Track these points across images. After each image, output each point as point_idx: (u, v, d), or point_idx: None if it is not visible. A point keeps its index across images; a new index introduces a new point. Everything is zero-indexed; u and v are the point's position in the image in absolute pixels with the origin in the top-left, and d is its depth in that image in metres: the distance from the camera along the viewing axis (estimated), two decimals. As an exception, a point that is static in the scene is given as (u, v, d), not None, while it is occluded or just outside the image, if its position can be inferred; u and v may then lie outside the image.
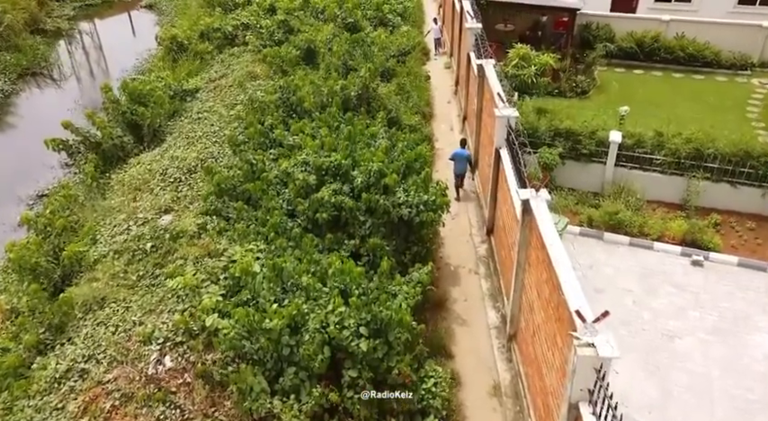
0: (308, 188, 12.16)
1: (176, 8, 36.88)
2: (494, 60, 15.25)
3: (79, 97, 26.30)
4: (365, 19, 26.00)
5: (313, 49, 20.95)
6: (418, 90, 21.13)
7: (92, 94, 26.36)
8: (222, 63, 23.98)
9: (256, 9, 26.27)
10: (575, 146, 14.80)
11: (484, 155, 15.30)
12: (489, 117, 14.19)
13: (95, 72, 30.89)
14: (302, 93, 16.93)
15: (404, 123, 17.73)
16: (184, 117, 19.25)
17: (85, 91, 27.70)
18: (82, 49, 33.66)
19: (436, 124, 20.61)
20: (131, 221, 13.51)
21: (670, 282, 11.79)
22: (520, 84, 17.70)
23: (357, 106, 17.14)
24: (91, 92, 27.06)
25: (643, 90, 21.10)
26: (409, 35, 26.03)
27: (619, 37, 23.18)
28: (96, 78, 29.98)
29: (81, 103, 25.44)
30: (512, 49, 18.41)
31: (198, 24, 25.66)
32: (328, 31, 23.12)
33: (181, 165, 15.77)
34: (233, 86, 21.30)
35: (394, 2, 28.47)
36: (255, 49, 23.96)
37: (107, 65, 31.95)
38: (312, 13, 25.06)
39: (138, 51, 30.71)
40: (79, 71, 30.62)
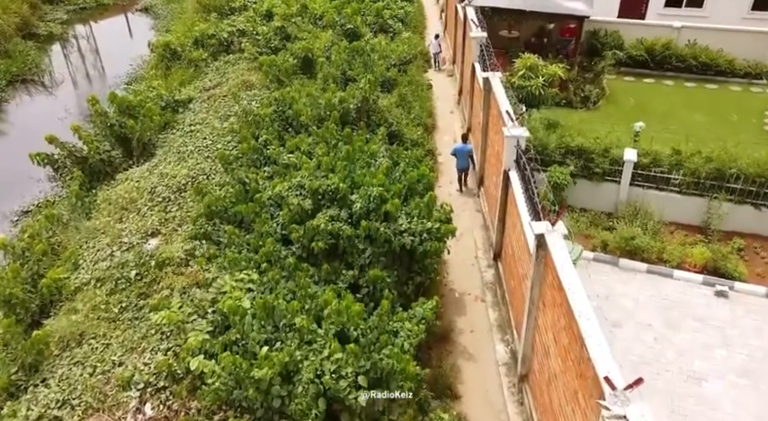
0: (304, 213, 11.33)
1: (172, 11, 36.15)
2: (500, 73, 14.43)
3: (70, 105, 25.50)
4: (365, 25, 25.18)
5: (310, 58, 20.13)
6: (420, 100, 20.31)
7: (83, 101, 25.54)
8: (217, 71, 23.17)
9: (253, 15, 25.45)
10: (587, 164, 13.94)
11: (490, 172, 14.46)
12: (496, 134, 13.36)
13: (88, 78, 30.08)
14: (298, 106, 16.10)
15: (405, 137, 16.90)
16: (176, 129, 18.42)
17: (77, 98, 26.86)
18: (75, 55, 32.83)
19: (439, 136, 19.78)
20: (115, 246, 12.67)
21: (693, 315, 10.95)
22: (527, 95, 16.87)
23: (356, 120, 16.31)
24: (83, 100, 26.20)
25: (654, 100, 20.25)
26: (410, 42, 25.20)
27: (628, 44, 22.32)
28: (89, 85, 29.19)
29: (72, 111, 24.68)
30: (518, 59, 17.58)
31: (192, 31, 24.86)
32: (327, 38, 22.30)
33: (170, 184, 14.93)
34: (227, 96, 20.49)
35: (395, 7, 27.67)
36: (251, 57, 23.15)
37: (101, 70, 31.19)
38: (310, 20, 24.25)
39: (132, 57, 29.84)
40: (71, 78, 29.80)
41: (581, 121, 18.98)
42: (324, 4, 24.71)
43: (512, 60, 21.54)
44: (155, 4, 38.60)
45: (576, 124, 18.42)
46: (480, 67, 16.10)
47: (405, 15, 27.68)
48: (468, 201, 16.36)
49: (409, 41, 25.18)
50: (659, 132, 16.40)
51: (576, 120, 18.80)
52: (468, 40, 18.77)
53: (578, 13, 19.82)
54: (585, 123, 18.75)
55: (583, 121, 18.98)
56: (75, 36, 35.36)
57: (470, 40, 17.32)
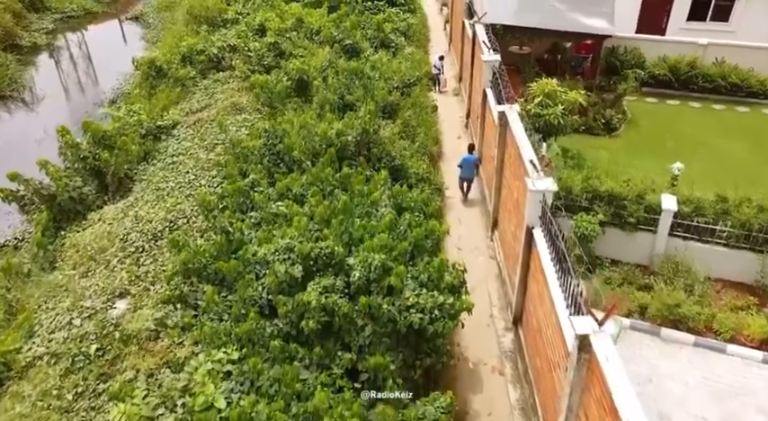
0: (293, 281, 9.61)
1: (163, 20, 34.49)
2: (517, 105, 12.72)
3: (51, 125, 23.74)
4: (365, 39, 23.47)
5: (306, 79, 18.41)
6: (425, 125, 18.58)
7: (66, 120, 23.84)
8: (205, 90, 21.44)
9: (244, 29, 23.72)
10: (618, 211, 12.23)
11: (507, 219, 12.72)
12: (515, 179, 11.65)
13: (72, 94, 28.36)
14: (291, 140, 14.38)
15: (410, 172, 15.18)
16: (157, 160, 16.69)
17: (59, 117, 25.10)
18: (59, 68, 31.15)
19: (446, 165, 18.06)
20: (76, 312, 10.93)
21: (755, 404, 9.23)
22: (544, 124, 15.19)
23: (355, 154, 14.60)
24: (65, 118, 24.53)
25: (681, 125, 18.58)
26: (413, 58, 23.49)
27: (649, 62, 20.66)
28: (72, 101, 27.49)
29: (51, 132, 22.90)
30: (534, 84, 15.88)
31: (180, 46, 23.13)
32: (323, 56, 20.59)
33: (145, 229, 13.21)
34: (215, 120, 18.77)
35: (396, 19, 25.95)
36: (242, 75, 21.44)
37: (86, 85, 29.49)
38: (306, 35, 22.53)
39: (119, 70, 28.22)
40: (54, 93, 28.06)
41: (602, 148, 17.32)
42: (321, 18, 23.03)
43: (524, 79, 19.93)
44: (145, 13, 36.96)
45: (598, 153, 16.78)
46: (494, 97, 14.40)
47: (407, 28, 25.97)
48: (479, 233, 14.69)
49: (412, 57, 23.47)
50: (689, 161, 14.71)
51: (598, 149, 17.13)
52: (479, 61, 17.08)
53: (599, 32, 18.09)
54: (608, 151, 17.09)
55: (604, 148, 17.32)
56: (60, 47, 33.66)
57: (482, 63, 15.62)
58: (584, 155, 16.50)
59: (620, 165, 16.00)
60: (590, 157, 16.41)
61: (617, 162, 16.24)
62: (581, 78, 21.21)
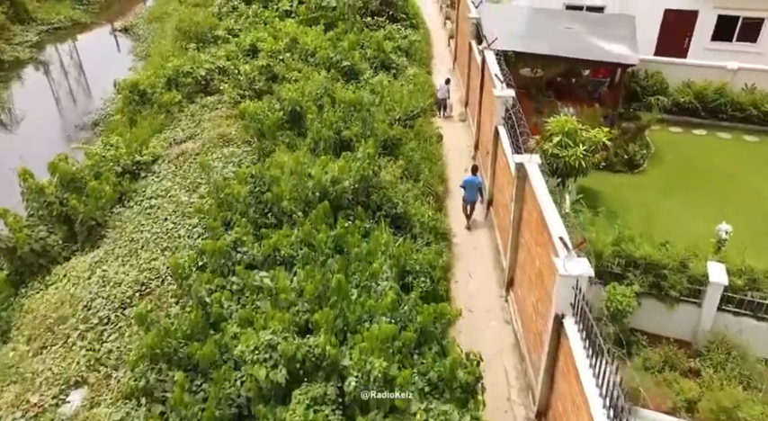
0: (276, 387, 7.98)
1: (153, 32, 32.90)
2: (537, 156, 11.08)
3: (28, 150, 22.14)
4: (364, 60, 21.86)
5: (299, 111, 16.78)
6: (429, 159, 16.96)
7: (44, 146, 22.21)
8: (192, 117, 19.83)
9: (235, 49, 22.08)
10: (657, 281, 10.61)
11: (527, 288, 11.05)
12: (539, 246, 10.02)
13: (54, 115, 26.70)
14: (280, 189, 12.74)
15: (414, 220, 13.57)
16: (134, 202, 15.06)
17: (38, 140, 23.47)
18: (41, 85, 29.56)
19: (452, 202, 16.41)
20: (20, 411, 9.30)
21: None
22: (563, 166, 13.59)
23: (353, 202, 13.00)
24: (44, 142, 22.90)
25: (710, 158, 16.96)
26: (416, 80, 21.87)
27: (673, 88, 19.04)
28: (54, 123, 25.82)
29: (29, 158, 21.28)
30: (551, 120, 14.26)
31: (165, 67, 21.50)
32: (320, 80, 18.95)
33: (113, 295, 11.59)
34: (201, 154, 17.16)
35: (398, 36, 24.34)
36: (232, 101, 19.84)
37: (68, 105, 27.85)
38: (301, 56, 20.91)
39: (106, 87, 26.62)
40: (34, 114, 26.44)
41: (625, 187, 15.71)
42: (317, 38, 21.42)
43: (536, 104, 18.32)
44: (135, 24, 35.40)
45: (622, 193, 15.16)
46: (509, 140, 12.76)
47: (409, 46, 24.34)
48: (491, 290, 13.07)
49: (415, 80, 21.86)
50: (722, 203, 13.13)
51: (621, 189, 15.52)
52: (489, 93, 15.47)
53: (620, 61, 16.43)
54: (632, 191, 15.48)
55: (627, 187, 15.71)
56: (45, 62, 32.07)
57: (492, 95, 13.99)
58: (606, 195, 14.90)
59: (649, 209, 14.42)
60: (614, 199, 14.80)
61: (644, 205, 14.64)
62: (598, 104, 19.63)
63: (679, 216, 13.69)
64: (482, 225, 15.29)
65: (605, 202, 14.75)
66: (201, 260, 11.92)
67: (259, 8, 26.20)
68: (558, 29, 17.93)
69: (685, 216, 13.74)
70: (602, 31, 17.61)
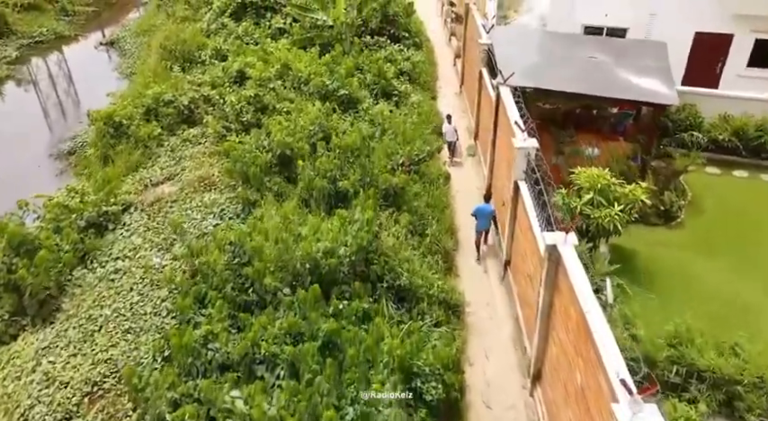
0: None
1: (140, 47, 30.94)
2: (573, 235, 9.08)
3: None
4: (363, 86, 19.90)
5: (290, 155, 14.80)
6: (436, 207, 15.00)
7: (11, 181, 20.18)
8: (172, 153, 17.87)
9: (221, 75, 20.06)
10: (729, 399, 8.64)
11: (562, 400, 9.03)
12: (578, 355, 8.03)
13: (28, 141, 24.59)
14: (262, 264, 10.73)
15: (421, 292, 11.59)
16: (97, 264, 13.06)
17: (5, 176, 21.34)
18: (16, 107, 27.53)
19: (462, 258, 14.41)
20: None
21: None
22: (595, 228, 11.63)
23: (349, 276, 11.01)
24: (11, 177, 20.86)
25: (756, 206, 14.95)
26: (421, 108, 19.91)
27: (708, 122, 17.05)
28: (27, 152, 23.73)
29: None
30: (579, 173, 12.28)
31: (144, 95, 19.50)
32: (314, 114, 16.95)
33: (56, 400, 9.59)
34: (179, 201, 15.20)
35: (400, 58, 22.35)
36: (216, 135, 17.87)
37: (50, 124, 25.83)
38: (293, 84, 18.90)
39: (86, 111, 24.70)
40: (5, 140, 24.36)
41: (662, 245, 13.71)
42: (311, 63, 19.41)
43: (555, 138, 16.30)
44: (122, 37, 33.43)
45: (659, 254, 13.17)
46: (535, 208, 10.74)
47: (412, 68, 22.36)
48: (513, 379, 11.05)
49: (419, 108, 19.89)
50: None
51: (658, 248, 13.53)
52: (505, 138, 13.50)
53: (657, 101, 14.42)
54: (671, 250, 13.49)
55: (665, 245, 13.72)
56: (23, 80, 30.11)
57: (510, 141, 11.98)
58: (641, 256, 12.93)
59: (693, 274, 12.44)
60: (650, 261, 12.83)
61: (687, 269, 12.66)
62: (622, 138, 17.64)
63: (730, 284, 11.74)
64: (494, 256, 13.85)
65: (641, 265, 12.79)
66: (167, 349, 9.97)
67: (250, 26, 24.22)
68: (581, 58, 15.93)
69: (738, 283, 11.79)
70: (632, 61, 15.61)
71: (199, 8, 30.63)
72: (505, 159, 13.72)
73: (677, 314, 10.03)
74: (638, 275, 12.66)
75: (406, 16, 24.95)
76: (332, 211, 13.70)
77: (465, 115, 21.15)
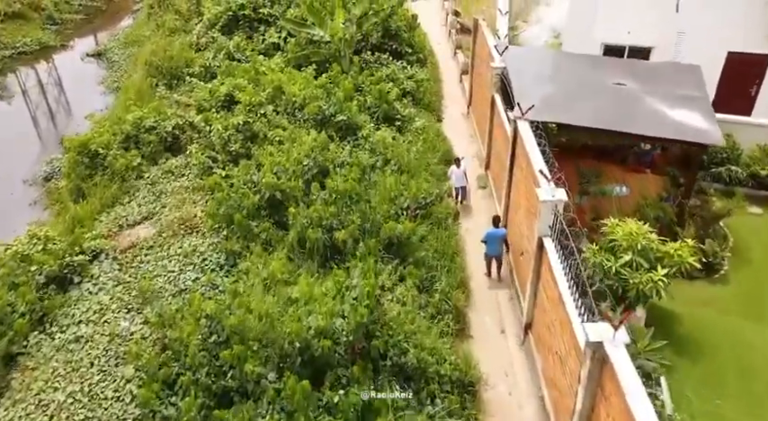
0: None
1: (128, 58, 29.29)
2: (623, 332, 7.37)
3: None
4: (364, 109, 18.21)
5: (280, 199, 13.09)
6: (444, 252, 13.29)
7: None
8: (152, 187, 16.19)
9: (207, 98, 18.34)
10: None
11: None
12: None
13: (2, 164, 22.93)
14: (242, 348, 9.02)
15: (429, 370, 9.88)
16: (57, 328, 11.36)
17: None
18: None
19: (476, 316, 12.68)
20: None
21: None
22: (635, 294, 9.93)
23: (346, 358, 9.31)
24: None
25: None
26: (426, 134, 18.19)
27: (747, 155, 15.37)
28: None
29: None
30: (612, 226, 10.55)
31: (124, 120, 17.78)
32: (308, 144, 15.25)
33: None
34: (155, 246, 13.52)
35: (402, 76, 20.62)
36: (201, 167, 16.17)
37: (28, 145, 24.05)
38: (286, 110, 17.19)
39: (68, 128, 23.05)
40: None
41: (706, 305, 11.99)
42: (306, 85, 17.67)
43: (581, 185, 14.61)
44: (110, 48, 31.75)
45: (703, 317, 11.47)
46: (567, 281, 9.04)
47: (416, 88, 20.65)
48: None
49: (424, 134, 18.17)
50: None
51: (701, 308, 11.82)
52: (525, 183, 11.81)
53: (701, 140, 12.69)
54: (717, 311, 11.78)
55: (709, 304, 12.00)
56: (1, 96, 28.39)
57: (536, 199, 10.26)
58: (683, 320, 11.22)
59: (746, 345, 10.73)
60: (693, 327, 11.12)
61: (737, 338, 10.96)
62: (649, 169, 15.97)
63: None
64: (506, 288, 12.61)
65: (683, 331, 11.09)
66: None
67: (242, 41, 22.50)
68: (606, 85, 14.24)
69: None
70: (665, 89, 13.92)
71: (189, 18, 29.02)
72: (525, 206, 12.03)
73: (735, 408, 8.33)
74: (675, 334, 10.99)
75: (410, 30, 23.24)
76: (327, 264, 12.06)
77: (473, 140, 19.47)
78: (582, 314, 8.48)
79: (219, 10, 24.24)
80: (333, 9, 21.71)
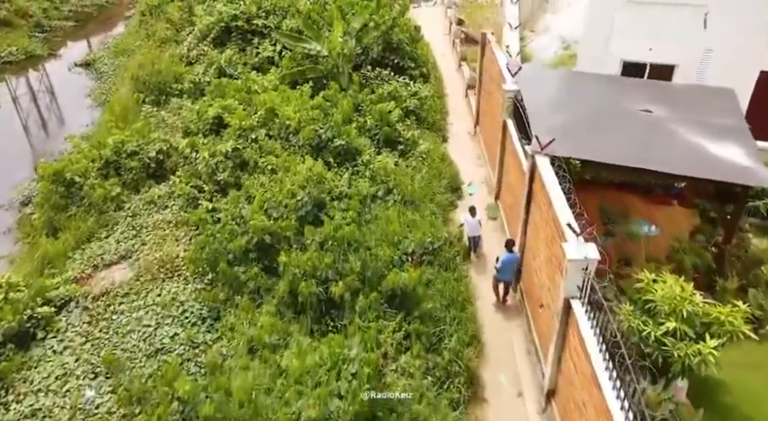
0: None
1: (118, 68, 27.87)
2: None
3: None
4: (363, 131, 16.84)
5: (269, 244, 11.68)
6: (454, 299, 11.89)
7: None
8: (132, 220, 14.81)
9: (195, 120, 16.92)
10: None
11: None
12: None
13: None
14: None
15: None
16: (11, 398, 9.95)
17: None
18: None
19: (491, 373, 11.29)
20: None
21: None
22: (680, 367, 8.55)
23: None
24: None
25: None
26: (431, 160, 16.80)
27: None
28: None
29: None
30: (648, 283, 9.15)
31: (105, 144, 16.36)
32: (304, 174, 13.86)
33: None
34: (130, 294, 12.13)
35: (405, 94, 19.20)
36: (186, 199, 14.78)
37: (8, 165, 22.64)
38: (280, 134, 15.79)
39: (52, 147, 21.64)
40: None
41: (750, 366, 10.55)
42: (302, 106, 16.25)
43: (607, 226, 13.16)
44: (99, 58, 30.32)
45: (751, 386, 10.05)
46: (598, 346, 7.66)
47: (420, 105, 19.25)
48: None
49: (429, 159, 16.78)
50: None
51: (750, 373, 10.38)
52: (546, 228, 10.41)
53: (745, 182, 11.27)
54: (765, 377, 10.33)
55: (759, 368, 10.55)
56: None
57: (566, 261, 8.83)
58: (729, 391, 9.80)
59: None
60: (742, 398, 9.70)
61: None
62: (677, 202, 14.59)
63: None
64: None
65: (731, 401, 9.67)
66: None
67: (234, 54, 21.08)
68: (633, 112, 12.82)
69: None
70: (698, 117, 12.50)
71: (182, 28, 27.59)
72: (545, 254, 10.62)
73: None
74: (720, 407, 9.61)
75: (412, 42, 21.83)
76: (323, 320, 10.67)
77: (481, 163, 18.07)
78: (622, 399, 7.12)
79: (211, 20, 22.84)
80: (331, 20, 20.35)
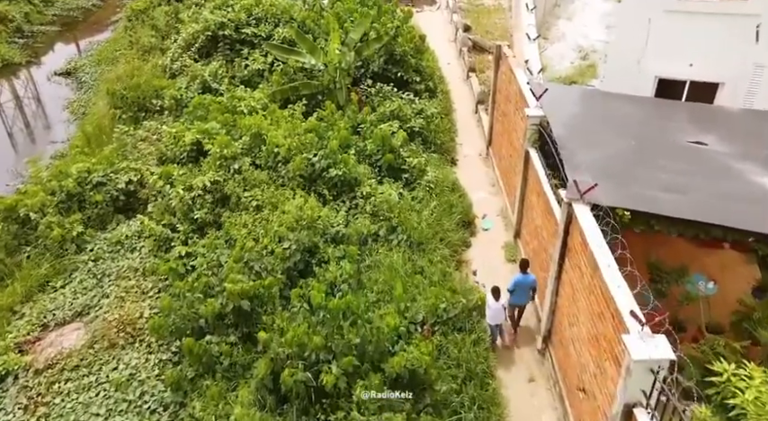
0: None
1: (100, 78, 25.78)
2: None
3: None
4: (363, 158, 14.80)
5: (248, 311, 9.61)
6: (472, 375, 9.85)
7: None
8: (94, 266, 12.71)
9: (171, 146, 14.82)
10: None
11: None
12: None
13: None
14: None
15: None
16: None
17: None
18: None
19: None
20: None
21: None
22: None
23: None
24: None
25: None
26: (439, 189, 14.75)
27: None
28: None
29: None
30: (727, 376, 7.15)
31: (68, 174, 14.26)
32: (293, 213, 11.81)
33: None
34: (81, 367, 10.07)
35: (409, 112, 17.09)
36: (157, 241, 12.71)
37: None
38: (267, 163, 13.71)
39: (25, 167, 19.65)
40: None
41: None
42: (293, 129, 14.15)
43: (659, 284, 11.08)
44: (81, 66, 28.25)
45: None
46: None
47: (426, 126, 17.15)
48: None
49: (438, 190, 14.73)
50: None
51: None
52: (594, 302, 8.35)
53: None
54: None
55: None
56: (-49, 125, 24.97)
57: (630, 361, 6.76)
58: None
59: None
60: None
61: None
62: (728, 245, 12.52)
63: None
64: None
65: None
66: None
67: (221, 67, 18.98)
68: (683, 145, 10.77)
69: None
70: (760, 151, 10.47)
71: (167, 34, 25.51)
72: (589, 331, 8.57)
73: None
74: None
75: (417, 53, 19.77)
76: (312, 411, 8.61)
77: (495, 190, 16.07)
78: None
79: (196, 29, 20.75)
80: (327, 29, 18.31)
